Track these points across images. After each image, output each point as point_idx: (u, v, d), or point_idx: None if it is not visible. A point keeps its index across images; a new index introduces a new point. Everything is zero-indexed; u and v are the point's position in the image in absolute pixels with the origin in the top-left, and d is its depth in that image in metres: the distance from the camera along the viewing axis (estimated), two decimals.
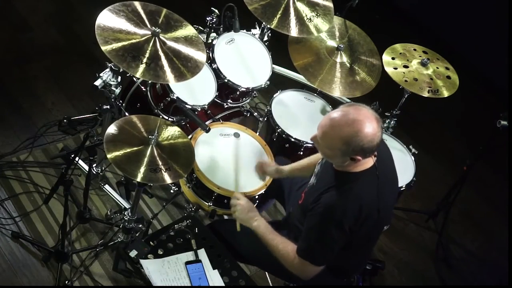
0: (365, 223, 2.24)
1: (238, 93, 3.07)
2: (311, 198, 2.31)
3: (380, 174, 2.26)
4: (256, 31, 3.33)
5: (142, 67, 2.45)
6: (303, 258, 2.29)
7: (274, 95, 3.19)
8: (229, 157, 2.83)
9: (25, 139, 3.44)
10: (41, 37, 4.08)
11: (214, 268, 2.41)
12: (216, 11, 3.10)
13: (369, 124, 2.12)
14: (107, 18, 2.51)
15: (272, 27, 2.95)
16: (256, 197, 2.79)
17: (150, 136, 2.48)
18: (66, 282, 2.90)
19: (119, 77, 2.86)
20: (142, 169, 2.39)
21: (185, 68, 2.55)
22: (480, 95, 4.80)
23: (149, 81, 2.93)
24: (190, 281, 2.34)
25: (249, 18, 3.06)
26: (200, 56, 2.63)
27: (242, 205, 2.53)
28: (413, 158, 3.17)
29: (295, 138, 3.00)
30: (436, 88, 3.00)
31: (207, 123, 2.90)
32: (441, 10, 5.04)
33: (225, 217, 2.93)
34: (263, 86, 3.10)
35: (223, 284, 2.38)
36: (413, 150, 3.20)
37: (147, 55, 2.49)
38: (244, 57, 3.18)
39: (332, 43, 3.17)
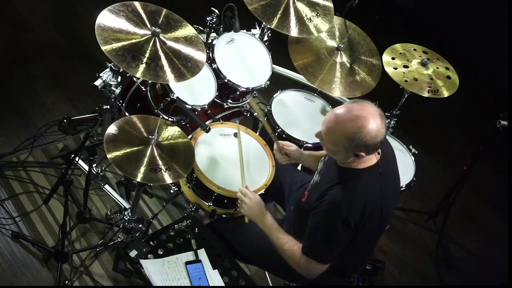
0: (370, 220, 2.25)
1: (238, 93, 3.07)
2: (315, 195, 2.31)
3: (383, 172, 2.27)
4: (256, 31, 3.33)
5: (142, 67, 2.45)
6: (309, 257, 2.30)
7: (274, 95, 3.19)
8: (229, 157, 2.83)
9: (25, 139, 3.44)
10: (41, 37, 4.08)
11: (214, 268, 2.41)
12: (216, 11, 3.10)
13: (372, 120, 2.13)
14: (107, 18, 2.51)
15: (272, 27, 2.95)
16: None
17: (150, 136, 2.48)
18: (66, 282, 2.91)
19: (119, 77, 2.86)
20: (142, 169, 2.39)
21: (185, 68, 2.55)
22: (480, 95, 4.80)
23: (149, 81, 2.93)
24: (190, 281, 2.34)
25: (249, 18, 3.06)
26: (200, 56, 2.63)
27: (250, 199, 2.52)
28: (413, 158, 3.17)
29: (295, 138, 2.99)
30: (436, 88, 3.00)
31: (207, 123, 2.90)
32: (441, 10, 5.04)
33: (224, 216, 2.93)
34: (263, 86, 3.10)
35: (223, 284, 2.38)
36: (413, 150, 3.20)
37: (147, 55, 2.49)
38: (244, 57, 3.18)
39: (332, 43, 3.17)
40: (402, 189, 3.00)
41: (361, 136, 2.13)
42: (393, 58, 3.08)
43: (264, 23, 3.11)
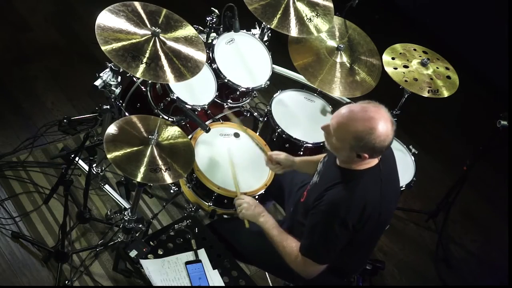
0: (368, 221, 2.25)
1: (238, 93, 3.07)
2: (313, 195, 2.31)
3: (383, 174, 2.26)
4: (256, 31, 3.33)
5: (142, 67, 2.45)
6: (306, 256, 2.30)
7: (274, 95, 3.19)
8: (229, 157, 2.83)
9: (25, 139, 3.44)
10: (41, 37, 4.08)
11: (214, 268, 2.41)
12: (216, 11, 3.10)
13: (384, 124, 2.13)
14: (107, 18, 2.51)
15: (272, 27, 2.95)
16: (256, 197, 2.78)
17: (150, 136, 2.48)
18: (66, 282, 2.90)
19: (119, 77, 2.86)
20: (142, 169, 2.39)
21: (185, 68, 2.55)
22: (480, 95, 4.80)
23: (149, 81, 2.93)
24: (190, 281, 2.34)
25: (249, 18, 3.06)
26: (200, 56, 2.63)
27: (248, 202, 2.54)
28: (413, 158, 3.17)
29: (295, 138, 3.00)
30: (436, 88, 3.00)
31: (207, 123, 2.90)
32: (441, 10, 5.04)
33: (225, 216, 2.93)
34: (263, 86, 3.10)
35: (223, 284, 2.38)
36: (413, 150, 3.20)
37: (147, 55, 2.49)
38: (244, 57, 3.18)
39: (332, 43, 3.17)
40: (402, 189, 3.01)
41: (370, 137, 2.12)
42: (393, 58, 3.08)
43: (264, 23, 3.11)
